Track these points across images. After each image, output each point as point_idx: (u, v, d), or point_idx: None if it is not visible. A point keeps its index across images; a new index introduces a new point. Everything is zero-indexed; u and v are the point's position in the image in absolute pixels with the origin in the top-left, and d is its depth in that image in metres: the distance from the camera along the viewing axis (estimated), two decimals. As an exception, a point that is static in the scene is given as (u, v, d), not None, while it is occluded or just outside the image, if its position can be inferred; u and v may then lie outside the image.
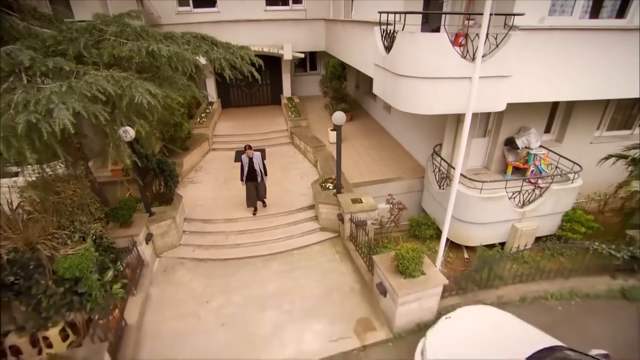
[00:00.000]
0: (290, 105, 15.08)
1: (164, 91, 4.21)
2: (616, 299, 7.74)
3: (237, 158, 12.64)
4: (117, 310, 6.75)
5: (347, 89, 15.65)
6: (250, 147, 8.92)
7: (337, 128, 8.30)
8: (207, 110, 14.61)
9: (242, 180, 9.14)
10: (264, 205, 9.78)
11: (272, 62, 15.36)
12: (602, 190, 10.59)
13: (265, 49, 14.34)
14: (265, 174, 9.30)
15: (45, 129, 3.20)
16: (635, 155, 8.41)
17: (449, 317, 6.01)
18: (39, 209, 6.06)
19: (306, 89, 18.33)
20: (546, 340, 5.41)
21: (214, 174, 11.71)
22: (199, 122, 13.61)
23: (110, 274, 7.00)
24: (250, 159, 8.92)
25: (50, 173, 5.10)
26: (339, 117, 8.04)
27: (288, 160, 12.62)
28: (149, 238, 8.22)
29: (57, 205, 6.28)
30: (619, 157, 8.64)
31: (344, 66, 14.44)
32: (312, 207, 9.76)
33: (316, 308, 7.17)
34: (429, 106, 6.70)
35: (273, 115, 15.89)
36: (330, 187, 9.44)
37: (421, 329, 6.40)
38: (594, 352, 5.19)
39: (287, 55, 14.82)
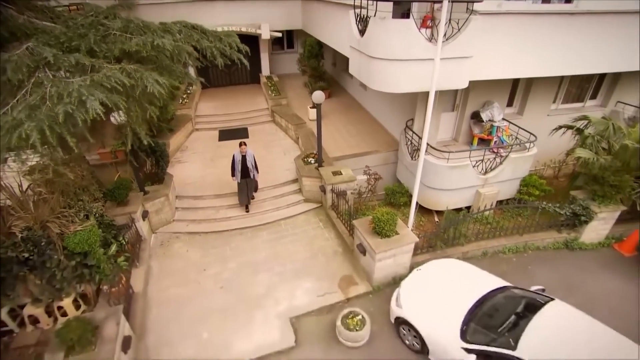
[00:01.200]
0: (269, 84, 15.50)
1: (167, 79, 4.77)
2: (560, 249, 9.01)
3: (222, 137, 13.15)
4: (124, 280, 7.43)
5: (324, 67, 16.12)
6: (244, 144, 8.93)
7: (317, 106, 8.96)
8: (188, 91, 14.88)
9: (233, 176, 9.12)
10: (252, 197, 9.83)
11: (249, 42, 15.57)
12: (557, 158, 11.73)
13: (243, 29, 14.59)
14: (257, 171, 9.32)
15: (80, 117, 3.74)
16: (580, 126, 9.48)
17: (420, 270, 7.02)
18: (47, 190, 6.55)
19: (284, 67, 18.66)
20: (499, 283, 6.49)
21: (199, 153, 12.21)
22: (181, 103, 13.91)
23: (114, 248, 7.60)
24: (243, 156, 8.89)
25: (59, 157, 5.53)
26: (319, 96, 8.69)
27: (270, 137, 13.21)
28: (145, 215, 8.79)
29: (64, 186, 6.78)
30: (567, 127, 9.70)
31: (320, 45, 14.86)
32: (295, 180, 10.51)
33: (304, 269, 8.06)
34: (398, 85, 7.48)
35: (253, 94, 16.27)
36: (312, 162, 10.18)
37: (396, 281, 7.39)
38: (533, 288, 6.30)
39: (265, 34, 15.11)
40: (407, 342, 6.45)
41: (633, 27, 8.73)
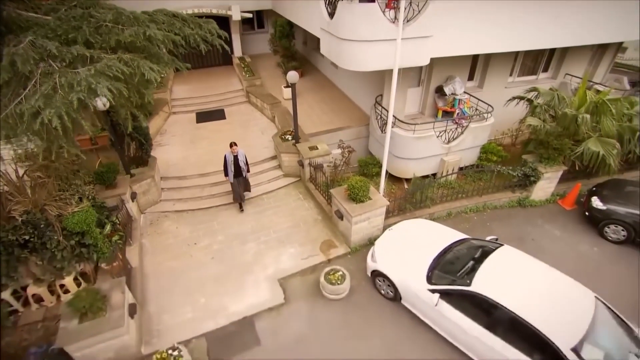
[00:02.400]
0: (242, 65, 15.77)
1: (158, 66, 5.22)
2: (514, 207, 10.17)
3: (199, 119, 13.48)
4: (120, 257, 7.96)
5: (295, 47, 16.48)
6: (235, 144, 8.90)
7: (291, 85, 9.51)
8: (162, 75, 14.92)
9: (226, 176, 9.15)
10: (241, 210, 9.72)
11: (220, 23, 15.64)
12: (513, 127, 12.80)
13: (214, 10, 14.70)
14: (248, 170, 9.34)
15: (91, 104, 4.19)
16: (531, 97, 10.50)
17: (392, 229, 7.93)
18: (44, 175, 6.92)
19: (256, 48, 18.83)
20: (460, 236, 7.48)
21: (179, 136, 12.55)
22: (156, 87, 14.02)
23: (108, 227, 8.06)
24: (235, 156, 8.90)
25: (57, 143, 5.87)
26: (293, 75, 9.25)
27: (247, 117, 13.66)
28: (133, 196, 9.23)
29: (58, 171, 7.16)
30: (520, 98, 10.72)
31: (291, 25, 15.18)
32: (274, 157, 11.13)
33: (288, 237, 8.83)
34: (366, 64, 8.17)
35: (226, 75, 16.50)
36: (289, 138, 10.80)
37: (372, 242, 8.28)
38: (488, 238, 7.33)
39: (236, 15, 15.25)
40: (382, 291, 7.41)
41: (576, 7, 9.67)
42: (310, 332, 6.88)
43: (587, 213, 9.53)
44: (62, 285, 7.54)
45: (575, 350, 5.06)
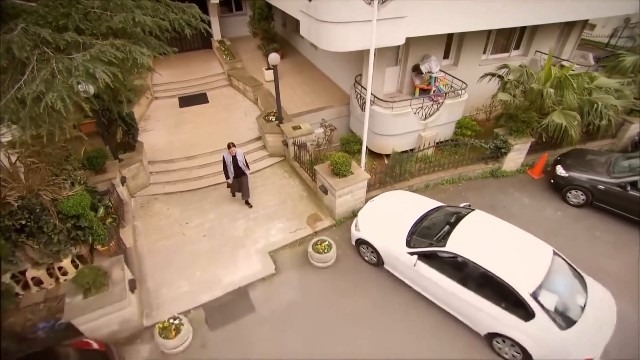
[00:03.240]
0: (222, 49, 15.81)
1: (148, 51, 5.46)
2: (487, 178, 10.88)
3: (182, 104, 13.60)
4: (115, 238, 8.27)
5: (275, 29, 16.56)
6: (233, 145, 8.64)
7: (273, 67, 9.80)
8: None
9: (227, 178, 8.95)
10: (250, 206, 9.56)
11: (198, 5, 15.61)
12: (487, 103, 13.41)
13: (191, -7, 14.58)
14: (248, 168, 9.12)
15: (80, 90, 4.45)
16: (502, 73, 11.08)
17: (373, 200, 8.48)
18: (37, 160, 7.12)
19: (235, 30, 18.75)
20: (436, 204, 8.09)
21: (163, 120, 12.69)
22: (136, 72, 13.98)
23: (102, 211, 8.35)
24: (234, 157, 8.68)
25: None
26: (274, 58, 9.52)
27: (230, 101, 13.86)
28: (123, 180, 9.47)
29: (50, 156, 7.36)
30: (491, 75, 11.29)
31: (270, 6, 15.23)
32: (259, 138, 11.47)
33: (276, 213, 9.30)
34: (345, 45, 8.55)
35: (207, 59, 16.51)
36: (273, 119, 11.14)
37: (355, 214, 8.83)
38: (462, 205, 7.96)
39: (214, -3, 15.21)
40: (366, 258, 8.02)
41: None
42: (300, 298, 7.45)
43: (552, 181, 10.32)
44: (60, 268, 7.82)
45: (534, 295, 5.77)
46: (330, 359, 6.47)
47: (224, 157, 8.73)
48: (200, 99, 13.82)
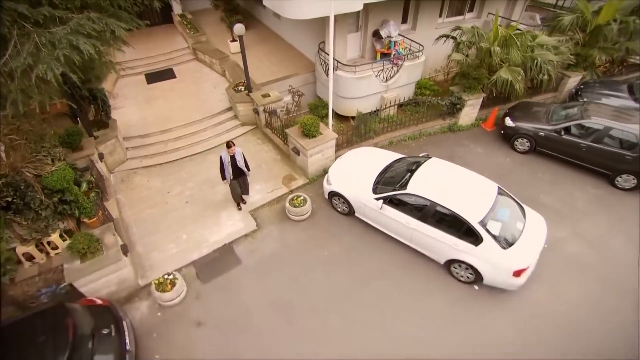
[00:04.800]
0: (185, 23, 15.72)
1: (123, 24, 5.77)
2: (445, 132, 11.87)
3: (149, 80, 13.66)
4: (101, 210, 8.68)
5: (237, 0, 16.53)
6: (232, 144, 8.17)
7: (239, 38, 10.14)
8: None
9: (224, 179, 8.45)
10: (244, 202, 9.28)
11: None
12: (444, 64, 14.24)
13: (146, -34, 14.30)
14: (248, 169, 8.69)
15: (77, 59, 4.77)
16: (455, 35, 11.87)
17: (342, 157, 9.25)
18: (17, 137, 7.34)
19: (195, 4, 18.41)
20: (399, 156, 8.95)
21: (132, 98, 12.78)
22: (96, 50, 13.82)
23: (84, 185, 8.69)
24: (233, 157, 8.22)
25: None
26: (240, 28, 9.86)
27: (197, 74, 14.03)
28: (101, 157, 9.73)
29: (28, 134, 7.59)
30: (446, 36, 12.06)
31: (229, -23, 15.20)
32: (230, 109, 11.89)
33: (252, 177, 9.82)
34: (305, 12, 9.06)
35: (169, 34, 16.36)
36: (242, 89, 11.54)
37: (326, 171, 9.57)
38: (421, 155, 8.87)
39: (171, -30, 14.97)
40: (339, 209, 8.87)
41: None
42: (281, 248, 8.25)
43: (502, 131, 11.43)
44: (49, 242, 8.16)
45: (482, 223, 6.80)
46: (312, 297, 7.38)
47: (221, 156, 8.16)
48: (167, 74, 13.91)
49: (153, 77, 13.76)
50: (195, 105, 11.93)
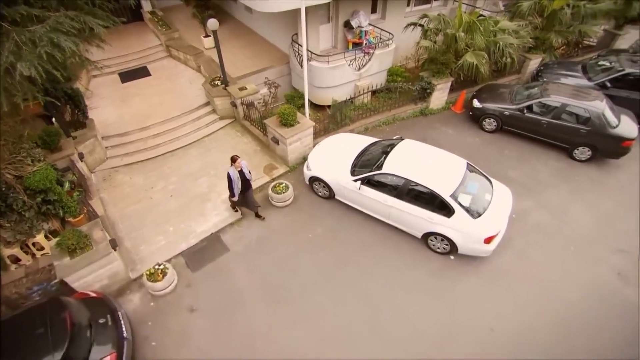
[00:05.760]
0: (156, 20, 15.62)
1: (100, 22, 5.89)
2: (417, 116, 12.42)
3: (124, 79, 13.59)
4: (86, 208, 8.76)
5: (207, -5, 16.49)
6: (237, 158, 7.84)
7: (213, 33, 10.30)
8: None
9: (233, 196, 8.13)
10: (262, 218, 8.88)
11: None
12: (414, 51, 14.72)
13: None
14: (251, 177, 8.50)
15: (58, 57, 4.89)
16: (423, 22, 12.36)
17: (320, 144, 9.63)
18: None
19: (165, 0, 18.26)
20: (374, 140, 9.40)
21: (107, 97, 12.71)
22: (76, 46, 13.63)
23: (67, 185, 8.73)
24: (240, 171, 7.91)
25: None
26: (213, 23, 10.01)
27: (172, 71, 14.04)
28: (81, 157, 9.75)
29: (6, 134, 7.60)
30: (413, 24, 12.54)
31: (199, -28, 15.15)
32: (207, 103, 12.05)
33: (235, 168, 10.16)
34: (277, 5, 9.30)
35: (140, 32, 16.19)
36: (219, 84, 11.70)
37: (305, 159, 9.92)
38: (395, 137, 9.34)
39: (138, -34, 14.81)
40: (320, 193, 9.27)
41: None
42: (267, 233, 8.59)
43: (470, 113, 12.06)
44: (34, 244, 8.19)
45: (453, 196, 7.34)
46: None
47: (229, 173, 7.80)
48: (141, 72, 13.87)
49: (127, 76, 13.70)
50: (173, 102, 12.03)
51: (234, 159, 7.80)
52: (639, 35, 14.77)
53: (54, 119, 9.81)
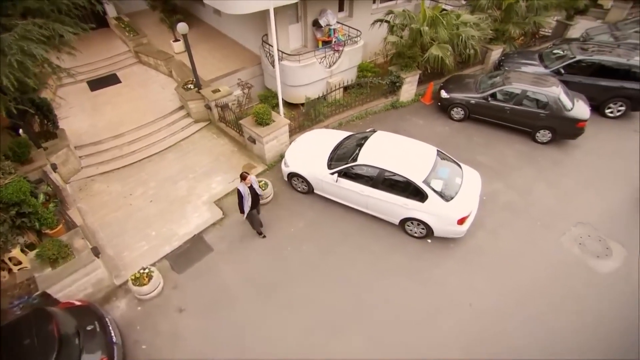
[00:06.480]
0: (122, 25, 15.40)
1: (70, 29, 5.88)
2: (389, 109, 12.83)
3: (93, 87, 13.38)
4: (64, 219, 8.64)
5: (174, -1, 16.38)
6: (247, 174, 7.66)
7: (183, 36, 10.34)
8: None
9: (243, 213, 7.93)
10: (264, 236, 8.73)
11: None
12: (383, 47, 15.12)
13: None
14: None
15: (30, 65, 4.88)
16: (389, 18, 12.76)
17: (296, 141, 9.86)
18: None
19: (131, 5, 17.85)
20: (348, 134, 9.70)
21: (77, 106, 12.47)
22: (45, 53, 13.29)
23: (42, 197, 8.58)
24: (251, 187, 7.70)
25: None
26: (183, 27, 10.05)
27: (143, 77, 13.91)
28: (54, 167, 9.59)
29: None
30: (380, 21, 12.92)
31: (164, -24, 15.01)
32: (181, 107, 12.05)
33: (212, 170, 10.28)
34: (245, 6, 9.46)
35: (107, 38, 15.91)
36: (192, 87, 11.73)
37: (283, 156, 10.12)
38: (367, 130, 9.66)
39: (101, -28, 14.56)
40: (299, 189, 9.50)
41: None
42: (250, 231, 8.73)
43: (439, 103, 12.57)
44: (10, 259, 8.03)
45: (425, 182, 7.73)
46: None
47: (239, 190, 7.58)
48: (111, 80, 13.68)
49: (96, 84, 13.48)
50: (146, 108, 11.96)
51: (243, 176, 7.62)
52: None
53: (21, 131, 9.61)
